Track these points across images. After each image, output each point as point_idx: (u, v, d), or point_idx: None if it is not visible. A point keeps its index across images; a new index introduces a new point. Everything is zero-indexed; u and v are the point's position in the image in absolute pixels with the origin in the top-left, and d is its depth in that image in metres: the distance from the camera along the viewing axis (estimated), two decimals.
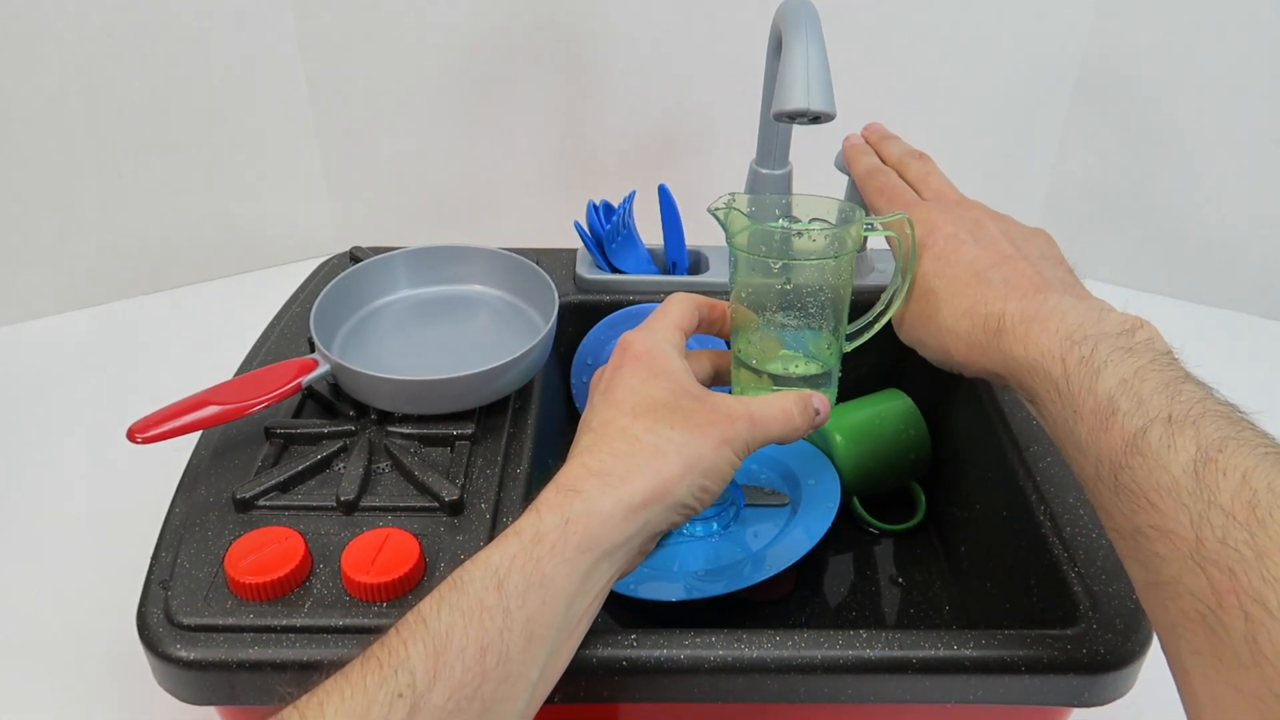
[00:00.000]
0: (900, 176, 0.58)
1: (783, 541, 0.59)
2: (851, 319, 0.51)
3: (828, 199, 0.50)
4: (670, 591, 0.56)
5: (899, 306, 0.51)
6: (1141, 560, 0.37)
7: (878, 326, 0.52)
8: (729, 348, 0.52)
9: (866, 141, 0.63)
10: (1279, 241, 0.95)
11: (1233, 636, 0.31)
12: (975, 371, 0.48)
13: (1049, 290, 0.47)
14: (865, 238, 0.52)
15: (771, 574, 0.55)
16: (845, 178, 0.68)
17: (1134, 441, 0.37)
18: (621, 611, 0.60)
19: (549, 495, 0.41)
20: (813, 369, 0.50)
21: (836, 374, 0.51)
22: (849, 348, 0.52)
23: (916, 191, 0.56)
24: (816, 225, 0.49)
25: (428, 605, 0.37)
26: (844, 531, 0.69)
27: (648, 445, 0.42)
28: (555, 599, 0.39)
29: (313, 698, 0.35)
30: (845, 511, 0.68)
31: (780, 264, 0.47)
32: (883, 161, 0.60)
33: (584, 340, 0.71)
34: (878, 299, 0.53)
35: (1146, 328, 0.43)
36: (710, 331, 0.52)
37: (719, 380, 0.52)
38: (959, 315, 0.47)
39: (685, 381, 0.46)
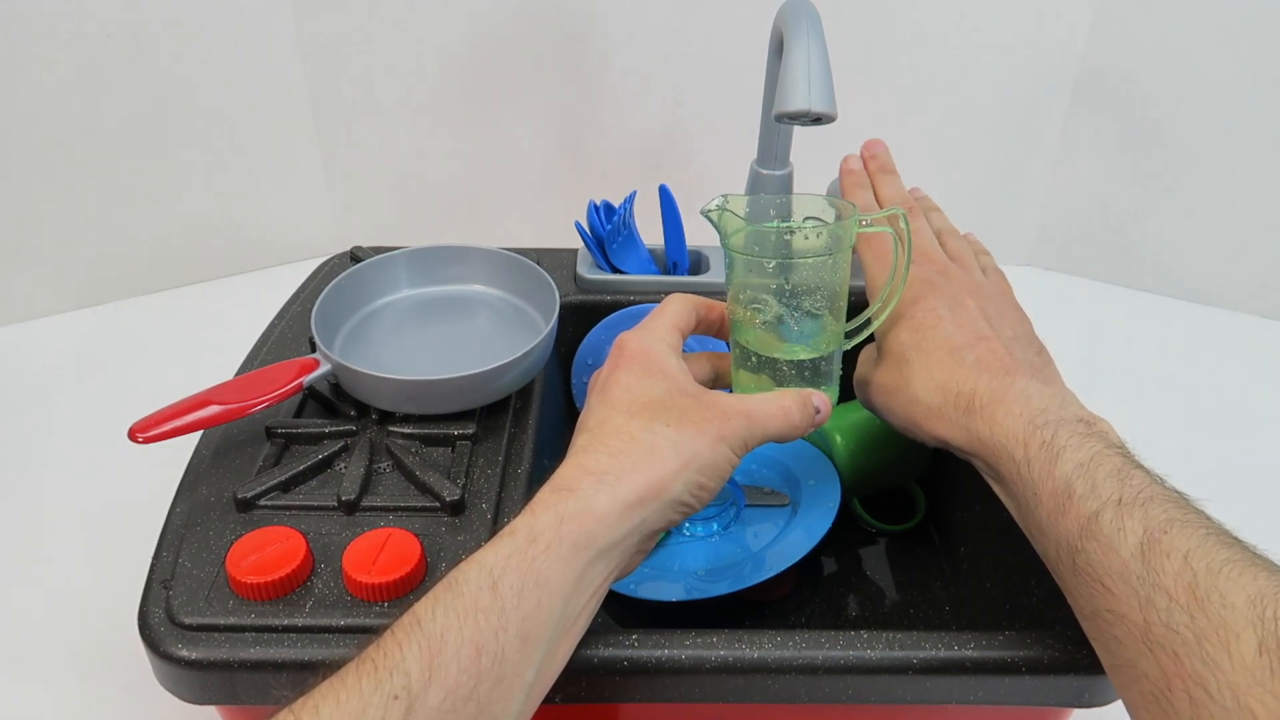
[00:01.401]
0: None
1: (783, 542, 0.59)
2: (850, 315, 0.51)
3: (820, 197, 0.50)
4: (670, 591, 0.57)
5: (895, 304, 0.51)
6: (1104, 644, 0.38)
7: (876, 323, 0.52)
8: (728, 349, 0.52)
9: (866, 167, 0.62)
10: (1279, 241, 0.95)
11: (1182, 719, 0.33)
12: (937, 442, 0.49)
13: (1017, 373, 0.48)
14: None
15: (772, 574, 0.55)
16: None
17: (1088, 525, 0.39)
18: (621, 611, 0.60)
19: (544, 495, 0.41)
20: (812, 360, 0.50)
21: (837, 372, 0.52)
22: (848, 345, 0.52)
23: None
24: (810, 223, 0.49)
25: (423, 607, 0.37)
26: (844, 531, 0.69)
27: (643, 443, 0.42)
28: (551, 598, 0.39)
29: (308, 700, 0.34)
30: (845, 511, 0.68)
31: (776, 263, 0.47)
32: (876, 199, 0.59)
33: (584, 341, 0.71)
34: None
35: (1103, 422, 0.45)
36: (708, 332, 0.52)
37: (719, 382, 0.52)
38: (931, 389, 0.49)
39: (681, 380, 0.46)
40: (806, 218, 0.49)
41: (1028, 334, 0.53)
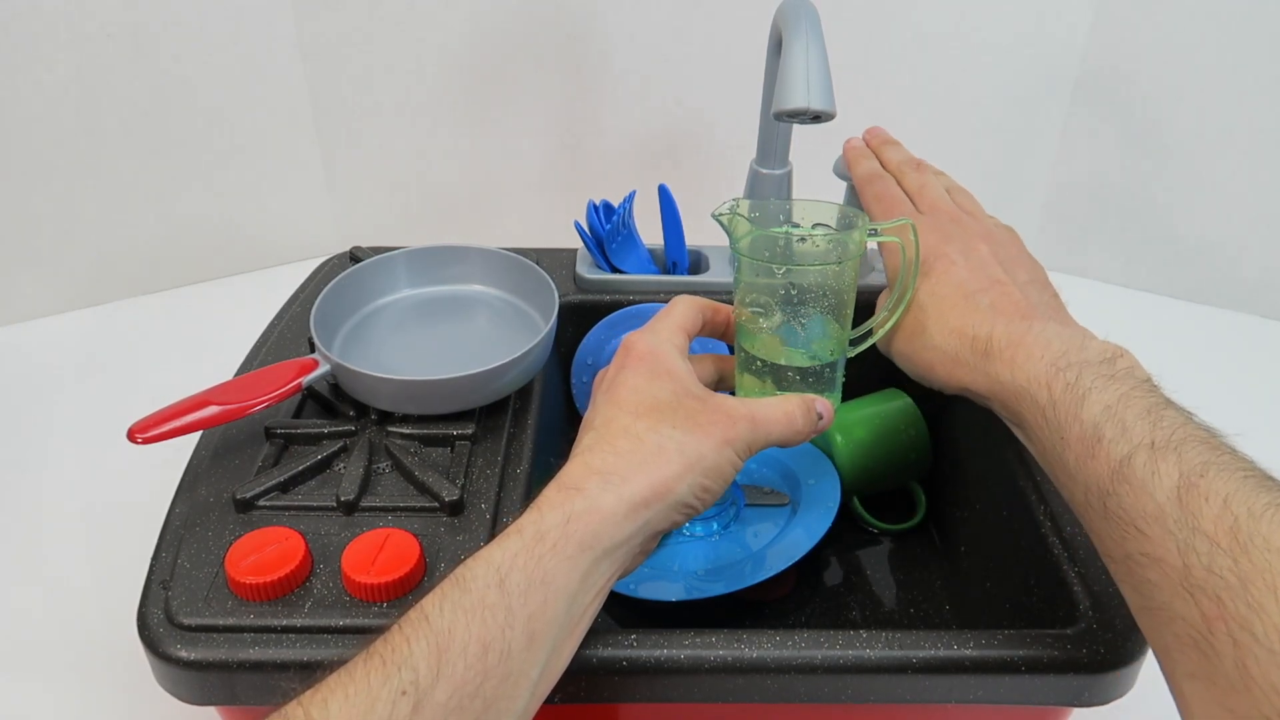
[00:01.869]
0: (898, 184, 0.58)
1: (783, 541, 0.59)
2: (856, 322, 0.51)
3: (830, 204, 0.50)
4: (670, 591, 0.56)
5: (901, 314, 0.51)
6: (1134, 586, 0.38)
7: (881, 333, 0.52)
8: (732, 352, 0.52)
9: (868, 145, 0.63)
10: (1279, 241, 0.95)
11: (1224, 661, 0.32)
12: (956, 388, 0.49)
13: (1034, 316, 0.48)
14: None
15: (772, 574, 0.55)
16: (844, 183, 0.68)
17: (1120, 469, 0.38)
18: (621, 611, 0.60)
19: (551, 493, 0.41)
20: (816, 366, 0.50)
21: (840, 378, 0.52)
22: (852, 353, 0.52)
23: (913, 202, 0.57)
24: (820, 231, 0.49)
25: (430, 602, 0.37)
26: (844, 531, 0.69)
27: (650, 444, 0.42)
28: (557, 597, 0.39)
29: (317, 693, 0.35)
30: (845, 511, 0.68)
31: (784, 269, 0.47)
32: (883, 166, 0.60)
33: (584, 340, 0.71)
34: (877, 299, 0.53)
35: (1127, 356, 0.44)
36: (714, 335, 0.52)
37: (723, 384, 0.52)
38: (947, 333, 0.49)
39: (688, 382, 0.46)
40: (815, 224, 0.49)
41: (1042, 279, 0.53)
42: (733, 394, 0.52)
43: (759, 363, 0.50)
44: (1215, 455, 0.36)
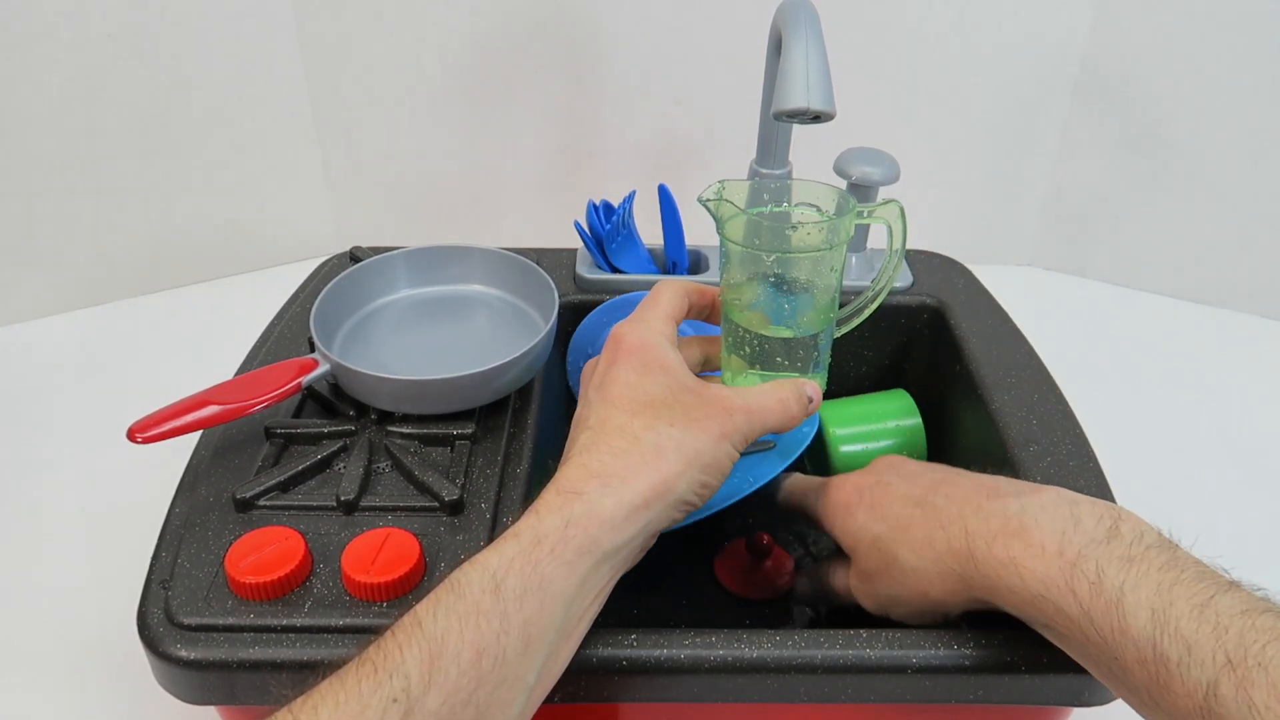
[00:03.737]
0: None
1: (755, 469, 0.56)
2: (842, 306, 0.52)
3: (819, 184, 0.49)
4: None
5: (884, 296, 0.51)
6: None
7: (869, 310, 0.52)
8: (719, 333, 0.52)
9: None
10: (1279, 241, 0.95)
11: None
12: (961, 605, 0.45)
13: (998, 495, 0.44)
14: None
15: (740, 496, 0.53)
16: (843, 182, 0.68)
17: (1206, 705, 0.34)
18: (621, 608, 0.60)
19: (549, 497, 0.41)
20: (803, 340, 0.50)
21: (827, 359, 0.52)
22: (839, 332, 0.52)
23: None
24: (808, 213, 0.49)
25: (424, 608, 0.37)
26: None
27: (647, 443, 0.42)
28: (553, 602, 0.38)
29: (307, 700, 0.34)
30: None
31: (774, 256, 0.47)
32: None
33: (581, 325, 0.70)
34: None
35: (1126, 519, 0.41)
36: (700, 317, 0.52)
37: (708, 366, 0.52)
38: (918, 549, 0.45)
39: (681, 375, 0.45)
40: (800, 203, 0.49)
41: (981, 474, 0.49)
42: (719, 374, 0.52)
43: (747, 346, 0.50)
44: None
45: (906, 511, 0.47)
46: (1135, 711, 0.39)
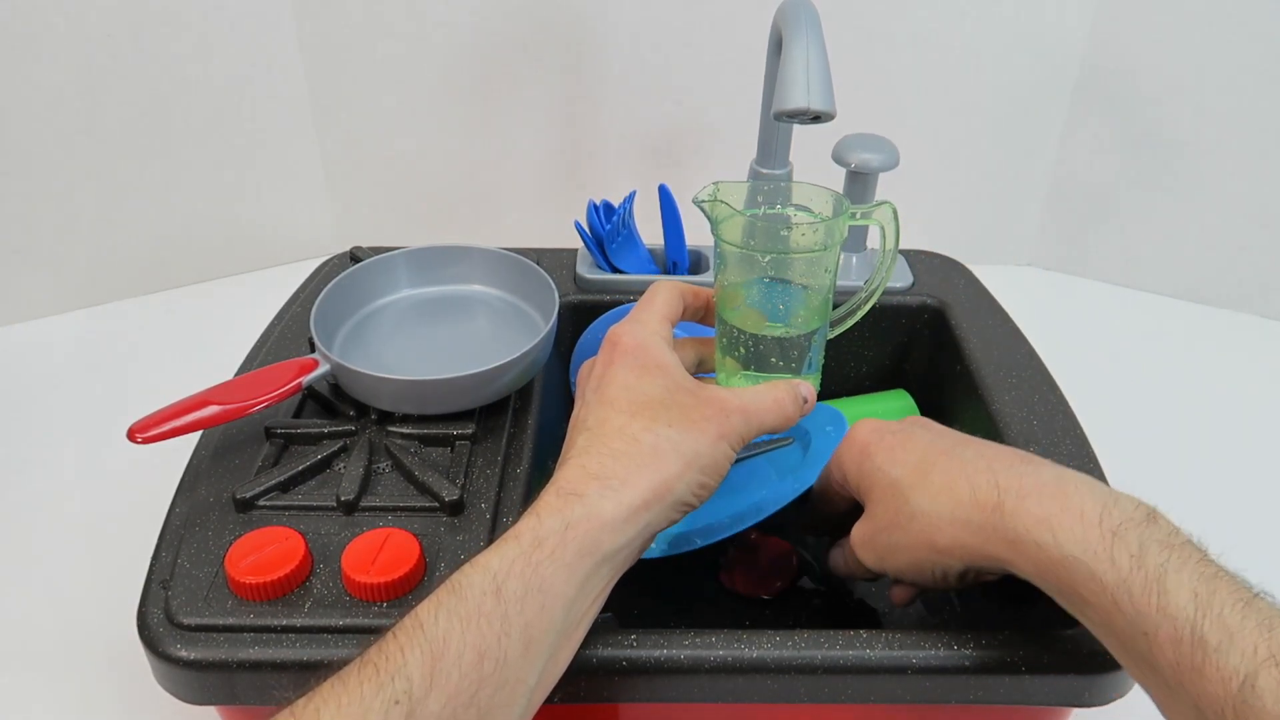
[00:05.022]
0: None
1: (769, 489, 0.55)
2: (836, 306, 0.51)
3: (814, 186, 0.49)
4: (652, 550, 0.54)
5: (883, 286, 0.51)
6: None
7: (863, 311, 0.52)
8: (713, 334, 0.52)
9: None
10: (1279, 241, 0.95)
11: None
12: (964, 561, 0.44)
13: (1032, 461, 0.43)
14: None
15: (745, 526, 0.53)
16: (842, 170, 0.68)
17: (1242, 694, 0.33)
18: (621, 609, 0.60)
19: (549, 499, 0.41)
20: (798, 340, 0.50)
21: (820, 360, 0.52)
22: (834, 333, 0.52)
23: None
24: (803, 215, 0.49)
25: (425, 610, 0.37)
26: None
27: (646, 445, 0.42)
28: (554, 604, 0.38)
29: (309, 702, 0.34)
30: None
31: (769, 257, 0.48)
32: None
33: (583, 336, 0.71)
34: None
35: (1161, 515, 0.40)
36: (694, 319, 0.52)
37: (703, 367, 0.52)
38: (936, 494, 0.44)
39: (678, 376, 0.45)
40: (794, 204, 0.49)
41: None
42: (713, 375, 0.52)
43: (741, 347, 0.50)
44: None
45: (929, 459, 0.46)
46: (1147, 693, 0.38)
